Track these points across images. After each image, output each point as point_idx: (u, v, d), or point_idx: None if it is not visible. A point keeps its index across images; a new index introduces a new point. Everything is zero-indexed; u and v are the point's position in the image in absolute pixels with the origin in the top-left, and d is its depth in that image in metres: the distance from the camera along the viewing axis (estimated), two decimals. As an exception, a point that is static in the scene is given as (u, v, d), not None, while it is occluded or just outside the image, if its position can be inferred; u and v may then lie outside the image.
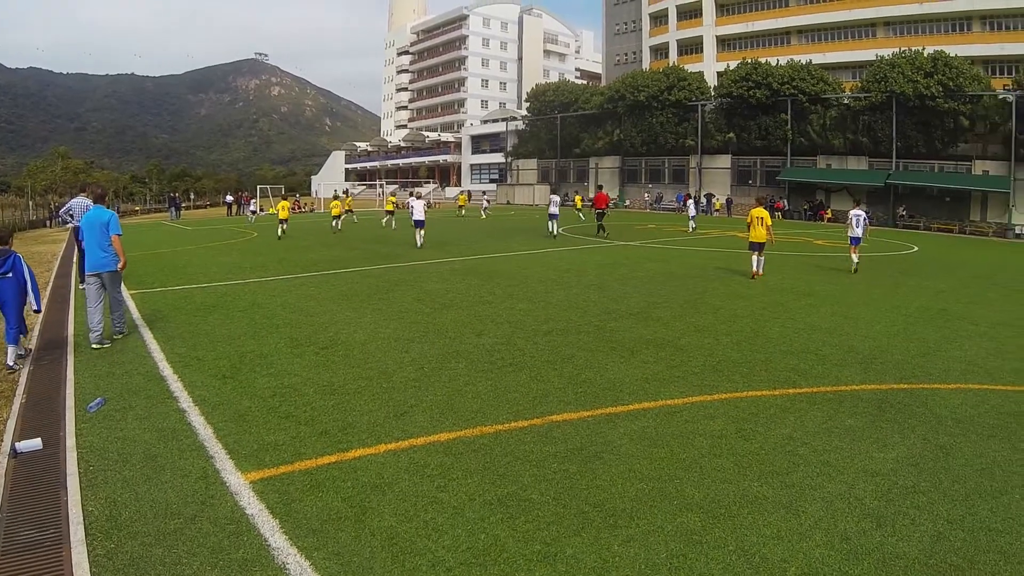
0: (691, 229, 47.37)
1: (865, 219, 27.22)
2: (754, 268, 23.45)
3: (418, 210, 33.81)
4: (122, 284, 14.60)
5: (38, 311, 13.17)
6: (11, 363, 12.12)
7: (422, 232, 33.74)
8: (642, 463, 7.66)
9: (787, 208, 71.92)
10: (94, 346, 13.22)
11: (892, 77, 63.91)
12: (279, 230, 40.81)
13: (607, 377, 11.01)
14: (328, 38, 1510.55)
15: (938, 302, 18.97)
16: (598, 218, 41.22)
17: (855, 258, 26.25)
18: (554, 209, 41.84)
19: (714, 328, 14.89)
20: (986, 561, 5.78)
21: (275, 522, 6.36)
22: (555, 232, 40.90)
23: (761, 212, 24.11)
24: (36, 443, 8.24)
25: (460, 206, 59.44)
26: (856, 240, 26.65)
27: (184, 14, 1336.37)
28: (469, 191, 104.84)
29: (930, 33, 77.89)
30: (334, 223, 45.57)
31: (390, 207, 50.89)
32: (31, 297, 12.48)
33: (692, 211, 49.42)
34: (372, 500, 6.79)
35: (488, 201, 76.55)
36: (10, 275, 12.15)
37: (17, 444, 8.18)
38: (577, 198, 67.60)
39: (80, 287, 19.07)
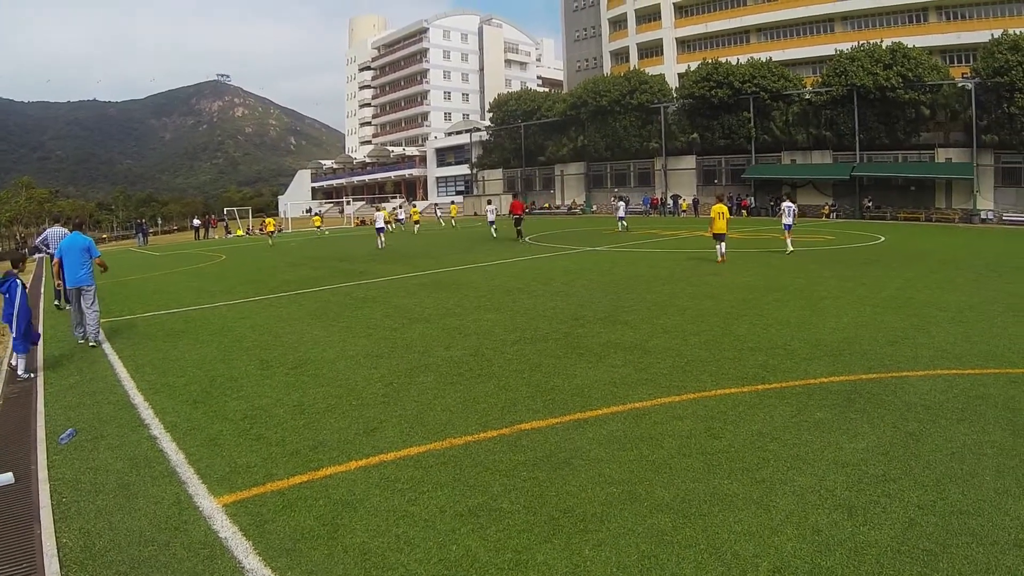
0: (621, 229, 49.92)
1: (794, 209, 32.58)
2: (719, 255, 27.18)
3: (379, 220, 45.84)
4: (96, 299, 16.25)
5: (19, 338, 13.54)
6: (20, 372, 13.29)
7: (382, 237, 44.13)
8: (611, 467, 7.65)
9: (753, 205, 72.26)
10: (80, 342, 16.17)
11: (852, 71, 64.44)
12: (270, 240, 58.69)
13: (575, 383, 11.02)
14: (289, 57, 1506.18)
15: (905, 290, 19.10)
16: (516, 224, 44.77)
17: (789, 242, 30.76)
18: (491, 216, 51.79)
19: (682, 329, 14.93)
20: (958, 545, 5.79)
21: (248, 544, 6.33)
22: (495, 234, 48.44)
23: (721, 208, 28.01)
24: (8, 477, 8.19)
25: (387, 221, 59.37)
26: (788, 227, 31.34)
27: (143, 38, 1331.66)
28: (436, 204, 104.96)
29: (888, 25, 78.78)
30: (319, 230, 66.90)
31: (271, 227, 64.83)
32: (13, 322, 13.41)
33: (621, 212, 51.94)
34: (344, 517, 6.76)
35: (440, 211, 79.68)
36: (7, 295, 13.41)
37: (-12, 479, 8.17)
38: (453, 207, 77.20)
39: (55, 304, 22.15)
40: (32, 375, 13.38)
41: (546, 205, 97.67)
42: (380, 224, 45.66)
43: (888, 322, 15.01)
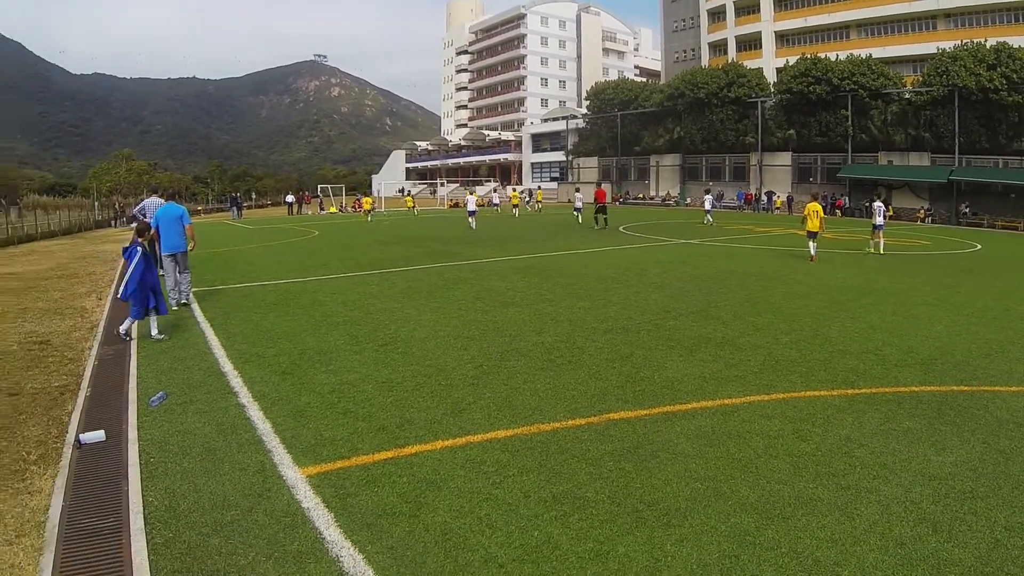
0: (708, 222, 50.30)
1: (883, 209, 32.71)
2: (811, 253, 27.90)
3: (471, 203, 49.45)
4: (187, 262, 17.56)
5: (121, 298, 13.84)
6: (122, 331, 13.83)
7: (473, 219, 47.24)
8: (698, 463, 7.62)
9: (847, 205, 71.05)
10: (174, 308, 16.88)
11: (954, 70, 62.82)
12: (368, 216, 62.92)
13: (665, 376, 10.97)
14: (386, 39, 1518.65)
15: (1002, 302, 18.61)
16: (599, 211, 45.85)
17: (881, 242, 31.50)
18: (578, 204, 55.98)
19: (773, 327, 14.76)
20: (1045, 570, 5.63)
21: (330, 515, 6.43)
22: (579, 221, 51.66)
23: (815, 206, 28.28)
24: (99, 435, 8.44)
25: (479, 204, 59.91)
26: (879, 227, 31.71)
27: (242, 18, 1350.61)
28: (528, 189, 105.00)
29: (992, 24, 76.68)
30: (415, 211, 73.55)
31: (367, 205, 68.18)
32: (124, 283, 13.61)
33: (708, 205, 52.35)
34: (427, 496, 6.82)
35: (530, 194, 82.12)
36: (128, 261, 13.64)
37: (81, 435, 8.39)
38: (538, 193, 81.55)
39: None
40: (129, 338, 13.76)
41: (640, 195, 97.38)
42: (472, 207, 48.64)
43: (983, 334, 14.59)
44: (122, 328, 13.71)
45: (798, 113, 76.77)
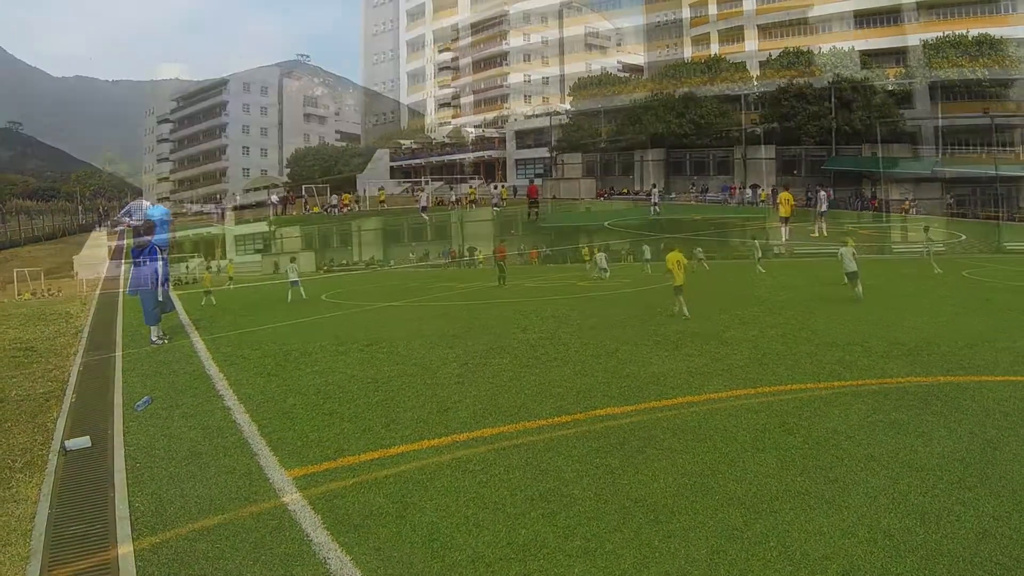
0: (654, 214, 55.82)
1: (827, 197, 36.88)
2: (784, 236, 31.38)
3: (423, 200, 58.53)
4: None
5: (160, 301, 13.74)
6: (154, 339, 13.67)
7: (426, 215, 54.04)
8: (684, 458, 7.58)
9: (833, 198, 70.94)
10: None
11: (936, 62, 62.82)
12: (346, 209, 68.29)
13: (651, 371, 10.97)
14: (368, 37, 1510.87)
15: (985, 291, 18.67)
16: (530, 205, 49.39)
17: (823, 226, 34.72)
18: (495, 200, 64.09)
19: (759, 320, 14.79)
20: (1034, 558, 5.61)
21: (317, 518, 6.38)
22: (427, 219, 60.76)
23: (788, 195, 31.79)
24: (85, 441, 8.40)
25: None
26: (822, 213, 35.80)
27: (224, 19, 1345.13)
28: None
29: (973, 15, 76.66)
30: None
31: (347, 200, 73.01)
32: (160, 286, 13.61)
33: (655, 199, 60.89)
34: (413, 496, 6.78)
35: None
36: (150, 259, 13.63)
37: (67, 442, 8.36)
38: (471, 190, 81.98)
39: None
40: (165, 340, 13.86)
41: (624, 190, 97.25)
42: (424, 203, 58.44)
43: (967, 324, 14.62)
44: (154, 338, 13.64)
45: (781, 106, 76.59)
